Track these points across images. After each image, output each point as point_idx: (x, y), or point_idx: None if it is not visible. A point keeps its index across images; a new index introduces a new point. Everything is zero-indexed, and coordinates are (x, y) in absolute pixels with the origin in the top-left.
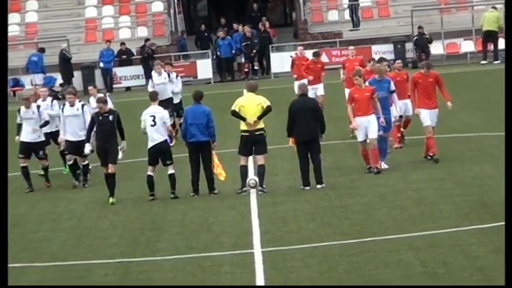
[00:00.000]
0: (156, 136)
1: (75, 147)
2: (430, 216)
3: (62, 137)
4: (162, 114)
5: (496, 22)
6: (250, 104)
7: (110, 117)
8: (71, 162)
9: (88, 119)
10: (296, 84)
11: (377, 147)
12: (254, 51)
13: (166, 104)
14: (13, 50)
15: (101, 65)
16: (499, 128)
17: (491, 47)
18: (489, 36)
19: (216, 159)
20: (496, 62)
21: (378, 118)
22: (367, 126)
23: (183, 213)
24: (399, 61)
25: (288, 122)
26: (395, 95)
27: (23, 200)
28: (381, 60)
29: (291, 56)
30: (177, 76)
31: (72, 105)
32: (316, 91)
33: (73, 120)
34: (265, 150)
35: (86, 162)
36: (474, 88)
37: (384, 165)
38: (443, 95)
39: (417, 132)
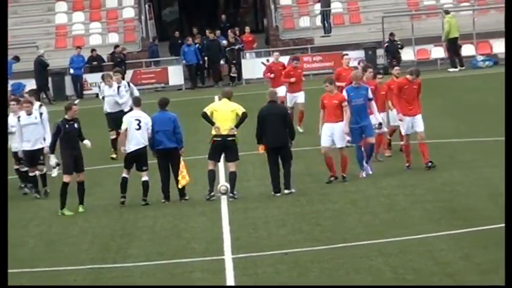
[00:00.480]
0: (139, 140)
1: (32, 157)
2: (400, 222)
3: (19, 149)
4: (147, 119)
5: (458, 28)
6: (223, 109)
7: (75, 125)
8: (33, 174)
9: (47, 126)
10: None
11: (347, 156)
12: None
13: (118, 116)
14: None
15: (71, 71)
16: (469, 134)
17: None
18: (456, 43)
19: (182, 165)
20: (462, 68)
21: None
22: (334, 134)
23: (154, 220)
24: (397, 68)
25: (257, 129)
26: (373, 103)
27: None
28: (367, 67)
29: (263, 63)
30: (128, 84)
31: (29, 114)
32: (296, 99)
33: (31, 129)
34: (236, 157)
35: (35, 173)
36: (444, 94)
37: (363, 174)
38: None
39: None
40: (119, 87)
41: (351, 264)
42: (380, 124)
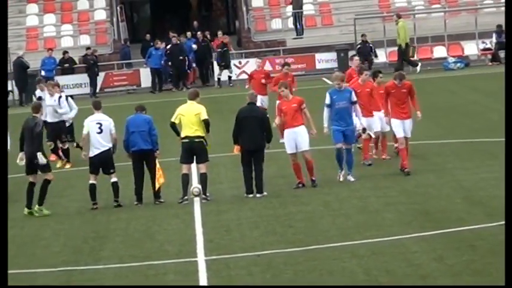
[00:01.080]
0: (102, 144)
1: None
2: (373, 224)
3: None
4: (109, 122)
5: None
6: (189, 113)
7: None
8: None
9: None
10: (258, 97)
11: (312, 159)
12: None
13: (58, 127)
14: None
15: (43, 73)
16: (441, 136)
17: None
18: (408, 47)
19: (157, 166)
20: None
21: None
22: (296, 138)
23: (127, 222)
24: (368, 73)
25: (234, 130)
26: (357, 106)
27: None
28: (362, 70)
29: (236, 65)
30: (67, 98)
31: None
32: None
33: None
34: (206, 158)
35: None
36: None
37: (350, 178)
38: (413, 105)
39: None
40: (60, 97)
41: (324, 266)
42: (364, 129)
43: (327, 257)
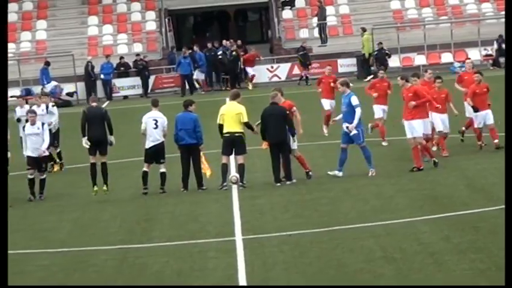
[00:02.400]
0: (156, 138)
1: (35, 162)
2: (388, 208)
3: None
4: (163, 119)
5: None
6: (230, 111)
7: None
8: (31, 177)
9: (47, 136)
10: (323, 101)
11: (300, 154)
12: None
13: (51, 134)
14: (25, 64)
15: (102, 76)
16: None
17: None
18: (369, 57)
19: (203, 159)
20: (370, 77)
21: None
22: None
23: (174, 206)
24: (430, 71)
25: (261, 127)
26: (357, 110)
27: (25, 191)
28: (415, 75)
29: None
30: (53, 105)
31: (33, 124)
32: (384, 113)
33: (33, 138)
34: (244, 151)
35: (44, 176)
36: None
37: (370, 173)
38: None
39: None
40: (47, 106)
41: (345, 244)
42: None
43: (348, 236)
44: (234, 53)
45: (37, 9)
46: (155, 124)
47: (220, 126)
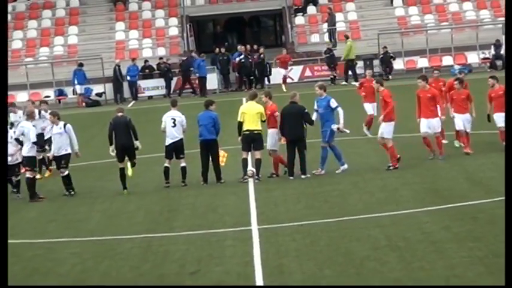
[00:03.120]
0: (174, 135)
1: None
2: (393, 200)
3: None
4: (181, 118)
5: (355, 51)
6: (250, 111)
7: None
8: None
9: (73, 136)
10: (365, 105)
11: (276, 156)
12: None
13: (43, 139)
14: (58, 66)
15: (128, 78)
16: (448, 128)
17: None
18: (353, 63)
19: (220, 152)
20: (354, 83)
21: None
22: (268, 139)
23: (194, 198)
24: (437, 71)
25: (280, 124)
26: (337, 111)
27: (61, 186)
28: (423, 78)
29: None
30: (45, 111)
31: (56, 124)
32: (374, 110)
33: (57, 138)
34: (261, 147)
35: (66, 172)
36: None
37: (341, 168)
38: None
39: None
40: (40, 112)
41: (353, 233)
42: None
43: (355, 226)
44: (261, 55)
45: (69, 16)
46: (173, 123)
47: (240, 124)
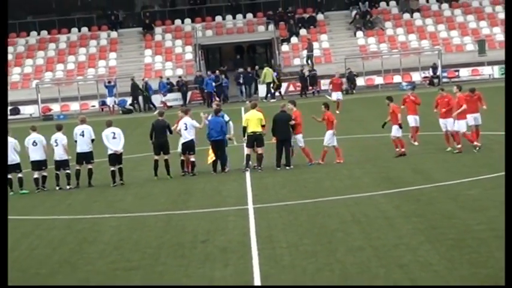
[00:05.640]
0: (186, 137)
1: (83, 158)
2: (356, 186)
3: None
4: (191, 122)
5: (272, 75)
6: (253, 118)
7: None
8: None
9: (92, 136)
10: (409, 117)
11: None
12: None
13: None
14: (101, 83)
15: (161, 92)
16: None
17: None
18: (269, 85)
19: (210, 152)
20: (274, 100)
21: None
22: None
23: (204, 184)
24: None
25: (272, 127)
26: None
27: (105, 176)
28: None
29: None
30: None
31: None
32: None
33: (80, 138)
34: (263, 144)
35: (90, 166)
36: (382, 106)
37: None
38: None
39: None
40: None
41: (325, 211)
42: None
43: (328, 206)
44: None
45: (110, 44)
46: (185, 127)
47: (244, 128)
